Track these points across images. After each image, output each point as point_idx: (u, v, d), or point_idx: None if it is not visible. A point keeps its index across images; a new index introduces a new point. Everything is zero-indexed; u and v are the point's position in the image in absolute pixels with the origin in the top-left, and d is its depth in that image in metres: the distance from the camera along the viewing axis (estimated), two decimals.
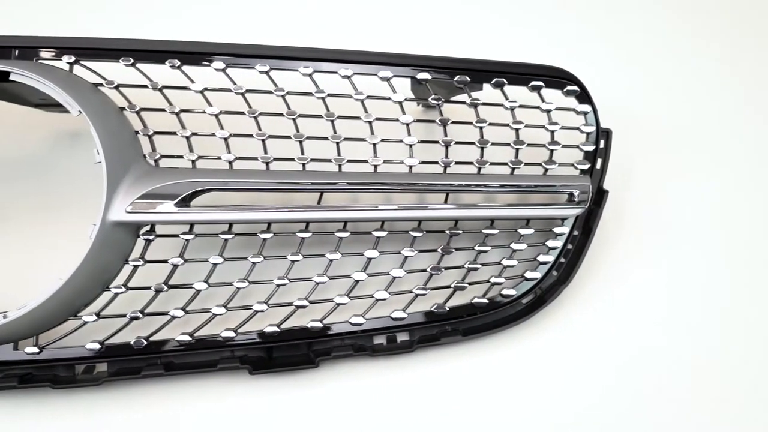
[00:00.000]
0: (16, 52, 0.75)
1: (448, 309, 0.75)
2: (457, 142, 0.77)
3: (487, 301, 0.75)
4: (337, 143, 0.76)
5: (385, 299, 0.74)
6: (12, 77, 0.70)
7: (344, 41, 0.88)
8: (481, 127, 0.78)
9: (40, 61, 0.74)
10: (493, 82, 0.78)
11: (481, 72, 0.77)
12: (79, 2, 0.93)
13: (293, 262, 0.73)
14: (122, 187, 0.68)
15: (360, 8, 0.94)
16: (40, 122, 0.86)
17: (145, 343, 0.71)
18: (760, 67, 0.95)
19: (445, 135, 0.77)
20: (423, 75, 0.76)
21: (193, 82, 0.75)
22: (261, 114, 0.75)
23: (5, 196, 0.82)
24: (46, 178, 0.84)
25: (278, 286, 0.73)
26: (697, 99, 0.92)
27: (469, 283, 0.75)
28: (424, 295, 0.74)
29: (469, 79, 0.77)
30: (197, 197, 0.71)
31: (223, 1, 0.94)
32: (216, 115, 0.75)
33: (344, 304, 0.73)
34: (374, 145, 0.76)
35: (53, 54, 0.75)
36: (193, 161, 0.74)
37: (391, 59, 0.77)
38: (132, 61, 0.75)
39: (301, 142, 0.75)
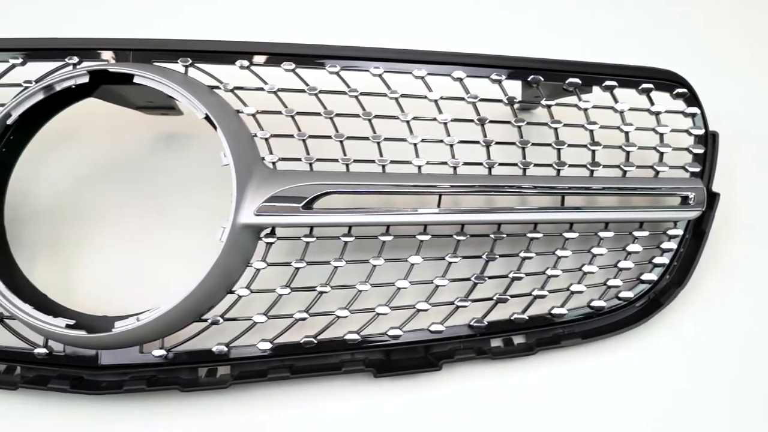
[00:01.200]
0: (131, 54, 0.75)
1: (567, 311, 0.75)
2: (570, 145, 0.77)
3: (605, 304, 0.75)
4: (451, 146, 0.76)
5: (506, 301, 0.74)
6: (136, 80, 0.70)
7: (415, 40, 0.87)
8: (591, 130, 0.78)
9: (155, 63, 0.74)
10: (603, 84, 0.78)
11: (592, 75, 0.77)
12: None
13: (413, 264, 0.73)
14: (249, 189, 0.68)
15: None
16: (138, 124, 0.85)
17: (271, 346, 0.70)
18: None
19: (557, 137, 0.77)
20: (534, 77, 0.77)
21: (306, 84, 0.75)
22: (376, 117, 0.75)
23: (107, 197, 0.82)
24: (146, 180, 0.84)
25: (399, 288, 0.72)
26: None
27: (587, 286, 0.75)
28: (543, 297, 0.74)
29: (580, 82, 0.77)
30: (318, 200, 0.71)
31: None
32: (331, 118, 0.75)
33: (465, 306, 0.73)
34: (487, 147, 0.76)
35: (169, 57, 0.75)
36: (311, 164, 0.74)
37: (503, 62, 0.77)
38: (248, 63, 0.75)
39: (415, 144, 0.75)
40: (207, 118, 0.69)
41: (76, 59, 0.74)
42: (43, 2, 0.92)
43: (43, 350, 0.69)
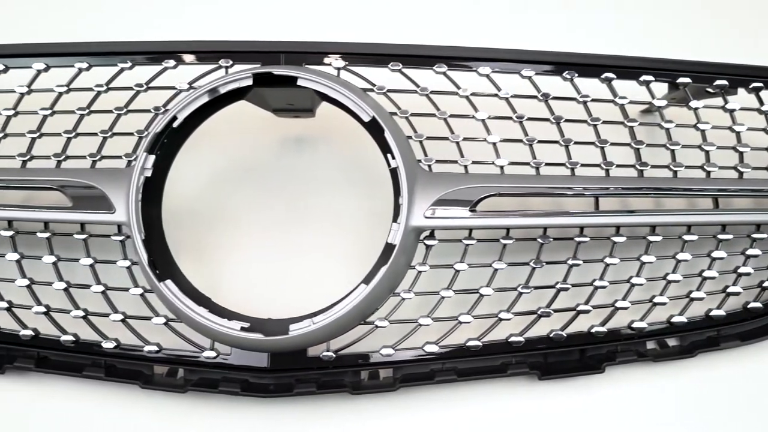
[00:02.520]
0: (283, 57, 0.75)
1: (725, 314, 0.74)
2: (718, 147, 0.76)
3: (761, 305, 0.75)
4: (602, 148, 0.76)
5: (664, 303, 0.73)
6: (300, 82, 0.69)
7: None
8: (738, 132, 0.78)
9: (306, 65, 0.74)
10: (750, 87, 0.78)
11: (740, 77, 0.77)
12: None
13: (571, 266, 0.73)
14: (417, 192, 0.68)
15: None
16: (265, 127, 0.85)
17: (437, 349, 0.70)
18: None
19: (705, 139, 0.77)
20: (683, 80, 0.77)
21: (458, 87, 0.75)
22: (529, 119, 0.75)
23: (243, 199, 0.82)
24: (279, 183, 0.84)
25: (559, 290, 0.72)
26: None
27: (744, 288, 0.75)
28: (701, 300, 0.74)
29: (728, 84, 0.77)
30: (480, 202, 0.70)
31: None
32: (483, 120, 0.75)
33: (626, 308, 0.73)
34: (638, 150, 0.76)
35: (321, 59, 0.75)
36: (466, 166, 0.74)
37: (652, 64, 0.77)
38: (400, 66, 0.75)
39: (567, 146, 0.75)
40: (373, 120, 0.69)
41: (230, 62, 0.74)
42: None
43: (212, 353, 0.69)
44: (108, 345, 0.70)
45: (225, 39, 0.76)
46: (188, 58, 0.76)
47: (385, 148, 0.69)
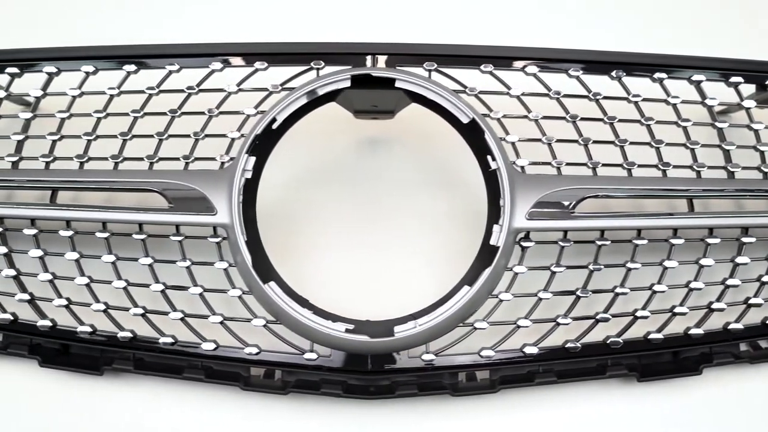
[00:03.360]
0: (373, 59, 0.75)
1: None
2: None
3: None
4: (692, 150, 0.76)
5: (760, 305, 0.73)
6: (398, 84, 0.70)
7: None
8: None
9: (398, 67, 0.74)
10: None
11: None
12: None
13: (666, 268, 0.73)
14: (518, 194, 0.68)
15: None
16: (341, 128, 0.85)
17: (536, 350, 0.70)
18: None
19: None
20: None
21: (549, 89, 0.76)
22: (620, 120, 0.75)
23: (325, 200, 0.82)
24: (359, 183, 0.84)
25: (654, 292, 0.72)
26: None
27: None
28: None
29: None
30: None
31: None
32: (574, 122, 0.75)
33: (721, 310, 0.73)
34: (728, 151, 0.76)
35: (413, 61, 0.75)
36: (559, 168, 0.74)
37: (741, 66, 0.77)
38: (492, 68, 0.75)
39: (658, 148, 0.75)
40: (472, 122, 0.69)
41: (322, 64, 0.74)
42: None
43: (313, 355, 0.69)
44: (207, 346, 0.70)
45: (316, 41, 0.76)
46: (276, 60, 0.75)
47: (482, 150, 0.70)
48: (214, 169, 0.72)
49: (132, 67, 0.75)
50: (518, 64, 0.75)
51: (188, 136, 0.74)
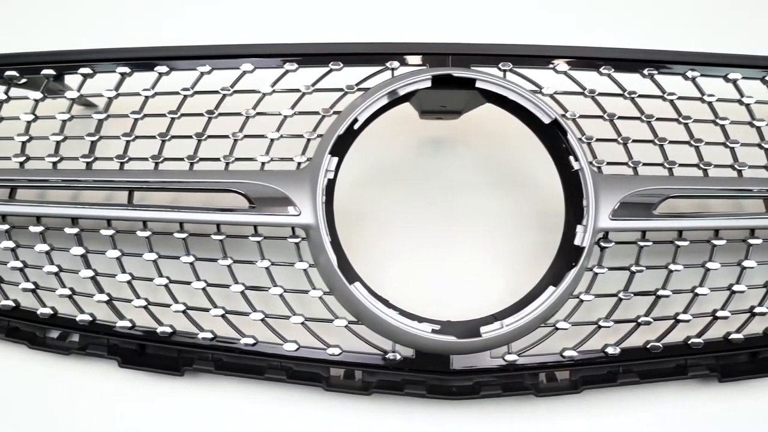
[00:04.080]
0: (451, 59, 0.75)
1: None
2: None
3: None
4: (765, 150, 0.76)
5: None
6: (478, 84, 0.69)
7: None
8: None
9: (473, 67, 0.74)
10: None
11: None
12: None
13: (744, 268, 0.73)
14: (601, 194, 0.68)
15: None
16: (401, 128, 0.85)
17: (617, 351, 0.70)
18: None
19: None
20: None
21: (624, 89, 0.76)
22: (695, 121, 0.75)
23: (393, 199, 0.82)
24: (425, 183, 0.84)
25: (733, 292, 0.72)
26: None
27: None
28: None
29: None
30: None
31: None
32: (649, 122, 0.75)
33: None
34: None
35: (488, 61, 0.75)
36: (635, 168, 0.74)
37: None
38: (567, 68, 0.75)
39: (733, 149, 0.75)
40: (554, 122, 0.69)
41: (397, 64, 0.74)
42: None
43: (397, 355, 0.69)
44: (289, 347, 0.70)
45: (392, 41, 0.76)
46: (351, 60, 0.75)
47: (559, 150, 0.70)
48: (291, 170, 0.72)
49: (206, 68, 0.75)
50: (593, 64, 0.75)
51: (263, 136, 0.74)
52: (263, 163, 0.73)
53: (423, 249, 0.81)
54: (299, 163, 0.73)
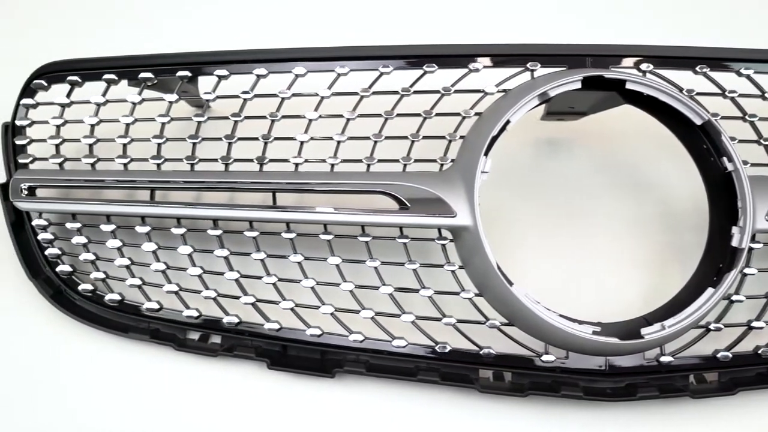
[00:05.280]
0: (590, 60, 0.75)
1: None
2: None
3: None
4: None
5: None
6: (628, 86, 0.69)
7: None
8: None
9: (612, 68, 0.74)
10: None
11: None
12: None
13: None
14: (756, 195, 0.68)
15: None
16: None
17: None
18: None
19: None
20: None
21: (763, 91, 0.75)
22: None
23: (508, 200, 0.82)
24: (546, 185, 0.84)
25: None
26: None
27: None
28: None
29: None
30: None
31: None
32: (752, 122, 0.75)
33: None
34: None
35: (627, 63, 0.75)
36: None
37: None
38: (707, 69, 0.75)
39: None
40: (706, 123, 0.69)
41: (537, 65, 0.74)
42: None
43: (551, 357, 0.69)
44: (442, 349, 0.70)
45: (531, 42, 0.76)
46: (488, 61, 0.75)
47: (701, 151, 0.71)
48: (435, 171, 0.72)
49: (345, 69, 0.75)
50: (733, 65, 0.75)
51: (405, 138, 0.74)
52: (405, 165, 0.73)
53: (547, 250, 0.81)
54: (441, 165, 0.73)
